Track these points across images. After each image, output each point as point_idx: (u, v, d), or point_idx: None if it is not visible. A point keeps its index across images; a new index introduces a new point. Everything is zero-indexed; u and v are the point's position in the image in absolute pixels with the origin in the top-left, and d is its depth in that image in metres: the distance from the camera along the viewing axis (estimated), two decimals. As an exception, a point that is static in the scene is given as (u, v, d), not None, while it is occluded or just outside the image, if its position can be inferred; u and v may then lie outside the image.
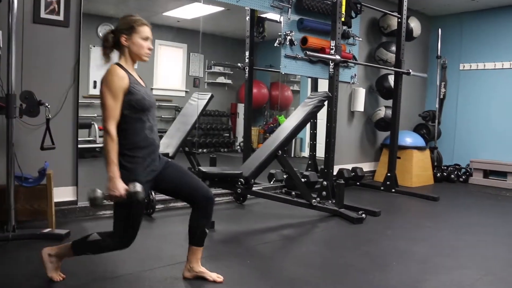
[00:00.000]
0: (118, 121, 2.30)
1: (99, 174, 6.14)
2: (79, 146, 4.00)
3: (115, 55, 2.45)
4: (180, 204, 4.50)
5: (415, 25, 6.65)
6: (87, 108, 7.68)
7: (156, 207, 4.21)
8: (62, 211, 3.83)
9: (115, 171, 2.25)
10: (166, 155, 5.00)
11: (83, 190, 4.02)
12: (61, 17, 3.73)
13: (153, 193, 4.07)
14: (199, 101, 5.70)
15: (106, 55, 2.43)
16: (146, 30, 2.41)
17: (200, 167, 3.94)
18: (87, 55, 7.67)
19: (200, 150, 7.46)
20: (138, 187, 2.26)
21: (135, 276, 2.60)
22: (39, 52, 3.66)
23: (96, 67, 7.74)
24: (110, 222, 3.85)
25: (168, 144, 5.33)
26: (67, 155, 3.87)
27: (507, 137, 6.92)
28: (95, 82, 7.80)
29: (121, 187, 2.24)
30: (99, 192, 2.25)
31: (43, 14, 3.64)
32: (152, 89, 8.64)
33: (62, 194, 3.84)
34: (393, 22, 6.29)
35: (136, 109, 2.35)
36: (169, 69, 8.81)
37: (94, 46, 7.71)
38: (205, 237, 2.62)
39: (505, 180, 6.75)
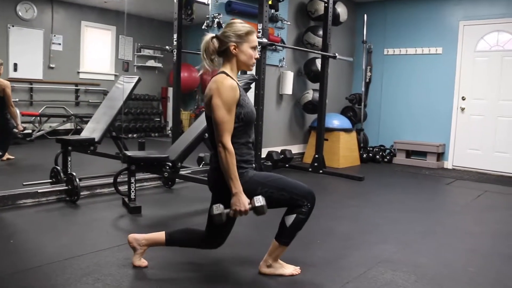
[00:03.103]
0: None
1: (20, 161, 5.88)
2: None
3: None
4: (107, 190, 4.40)
5: (341, 10, 6.81)
6: (7, 93, 7.26)
7: (81, 193, 4.07)
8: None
9: (239, 186, 2.24)
10: (92, 140, 4.86)
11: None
12: (-33, -7, 3.47)
13: (77, 180, 3.94)
14: (125, 84, 5.56)
15: (211, 61, 2.35)
16: (255, 39, 2.37)
17: (125, 152, 3.87)
18: (5, 36, 7.23)
19: (130, 135, 7.29)
20: (263, 200, 2.26)
21: (57, 265, 2.53)
22: None
23: (16, 48, 7.33)
24: (30, 212, 3.70)
25: (94, 129, 5.17)
26: (-19, 142, 3.66)
27: (426, 119, 7.31)
28: (15, 64, 7.38)
29: (246, 202, 2.24)
30: (221, 208, 2.26)
31: None
32: (78, 72, 8.31)
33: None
34: (321, 7, 6.41)
35: (244, 122, 2.31)
36: (97, 52, 8.49)
37: (13, 26, 7.27)
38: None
39: (425, 160, 7.14)
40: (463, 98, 6.95)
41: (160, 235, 2.57)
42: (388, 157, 7.45)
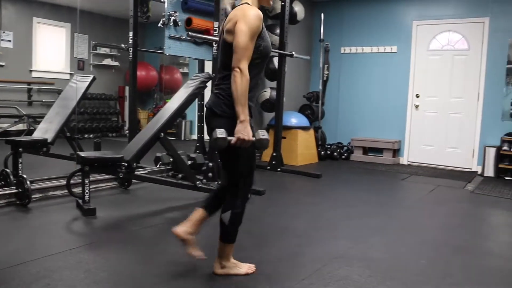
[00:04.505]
0: None
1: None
2: None
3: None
4: (60, 192, 4.27)
5: (299, 9, 6.86)
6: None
7: (33, 196, 3.95)
8: None
9: (247, 114, 2.16)
10: (45, 141, 4.72)
11: None
12: None
13: (28, 182, 3.82)
14: (79, 83, 5.42)
15: None
16: None
17: (78, 152, 3.78)
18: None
19: (86, 135, 7.13)
20: (267, 134, 2.18)
21: (4, 272, 2.44)
22: None
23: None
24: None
25: (46, 129, 5.01)
26: None
27: (382, 116, 7.47)
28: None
29: (251, 132, 2.17)
30: (225, 133, 2.14)
31: None
32: (31, 70, 8.06)
33: None
34: (278, 5, 6.42)
35: (261, 54, 2.28)
36: (51, 50, 8.24)
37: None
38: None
39: (381, 156, 7.29)
40: (417, 96, 7.14)
41: (198, 213, 2.54)
42: (345, 154, 7.56)
